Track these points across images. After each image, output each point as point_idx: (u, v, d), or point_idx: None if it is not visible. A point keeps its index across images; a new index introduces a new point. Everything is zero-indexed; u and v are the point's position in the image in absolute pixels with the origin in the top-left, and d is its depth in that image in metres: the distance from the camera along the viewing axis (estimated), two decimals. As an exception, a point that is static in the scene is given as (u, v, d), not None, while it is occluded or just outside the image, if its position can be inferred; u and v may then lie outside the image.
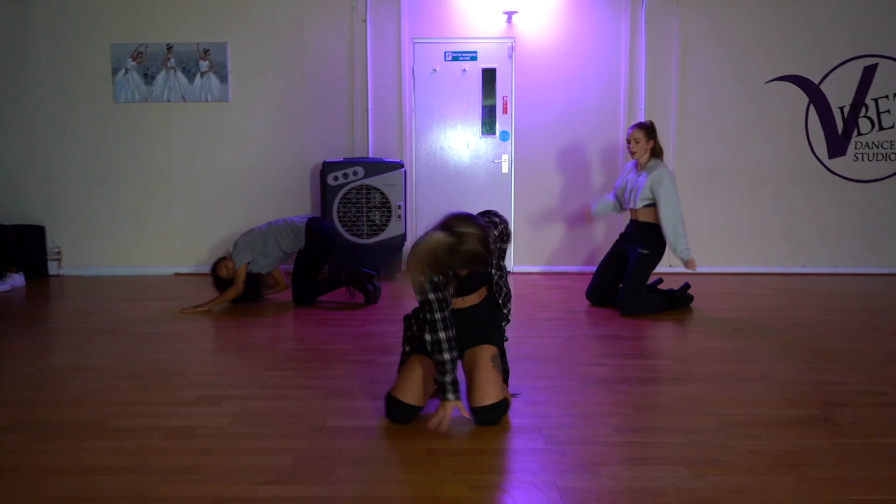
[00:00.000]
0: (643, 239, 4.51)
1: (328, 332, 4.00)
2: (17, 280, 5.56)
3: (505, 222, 2.59)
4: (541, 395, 2.82)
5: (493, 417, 2.49)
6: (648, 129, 4.56)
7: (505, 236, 2.58)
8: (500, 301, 2.66)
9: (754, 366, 3.26)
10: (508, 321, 2.73)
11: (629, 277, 4.43)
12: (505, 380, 2.68)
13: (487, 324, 2.64)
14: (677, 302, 4.56)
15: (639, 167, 4.63)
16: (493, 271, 2.61)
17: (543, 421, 2.54)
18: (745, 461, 2.19)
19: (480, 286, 2.60)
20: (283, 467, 2.16)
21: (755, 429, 2.46)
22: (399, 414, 2.50)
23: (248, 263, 4.61)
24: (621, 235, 4.79)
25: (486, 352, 2.55)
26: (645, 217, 4.55)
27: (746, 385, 2.97)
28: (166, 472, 2.13)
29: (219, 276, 4.66)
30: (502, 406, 2.51)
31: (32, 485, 2.05)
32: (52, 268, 6.23)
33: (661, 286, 4.74)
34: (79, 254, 6.24)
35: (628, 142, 4.61)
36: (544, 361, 3.33)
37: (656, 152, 4.59)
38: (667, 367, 3.24)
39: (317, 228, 4.75)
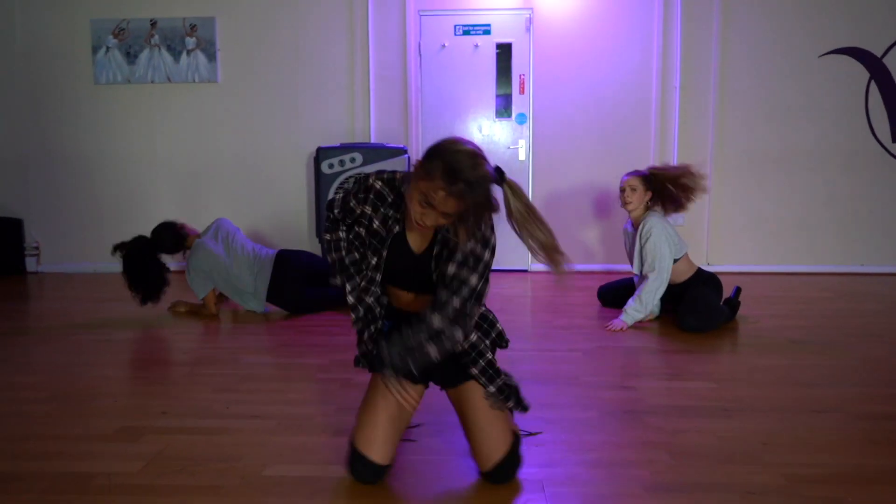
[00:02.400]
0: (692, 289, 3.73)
1: (306, 341, 3.41)
2: (-16, 278, 5.08)
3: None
4: (548, 434, 2.19)
5: (508, 474, 1.84)
6: (646, 178, 3.73)
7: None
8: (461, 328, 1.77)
9: (824, 391, 2.59)
10: (503, 345, 2.01)
11: (703, 296, 3.65)
12: (511, 399, 1.92)
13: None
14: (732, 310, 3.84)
15: (633, 224, 3.83)
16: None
17: (548, 472, 1.91)
18: (830, 545, 1.54)
19: (428, 284, 1.87)
20: (184, 543, 1.57)
21: (836, 488, 1.81)
22: (362, 473, 1.83)
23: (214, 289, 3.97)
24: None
25: (475, 389, 1.89)
26: (674, 278, 3.75)
27: (817, 420, 2.30)
28: (24, 548, 1.55)
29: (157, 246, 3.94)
30: (514, 454, 1.85)
31: None
32: (31, 264, 5.76)
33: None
34: (59, 249, 5.76)
35: (622, 190, 3.76)
36: (556, 383, 2.70)
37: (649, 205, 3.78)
38: (711, 393, 2.59)
39: (281, 271, 3.98)
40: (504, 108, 5.47)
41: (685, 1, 5.28)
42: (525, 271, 5.56)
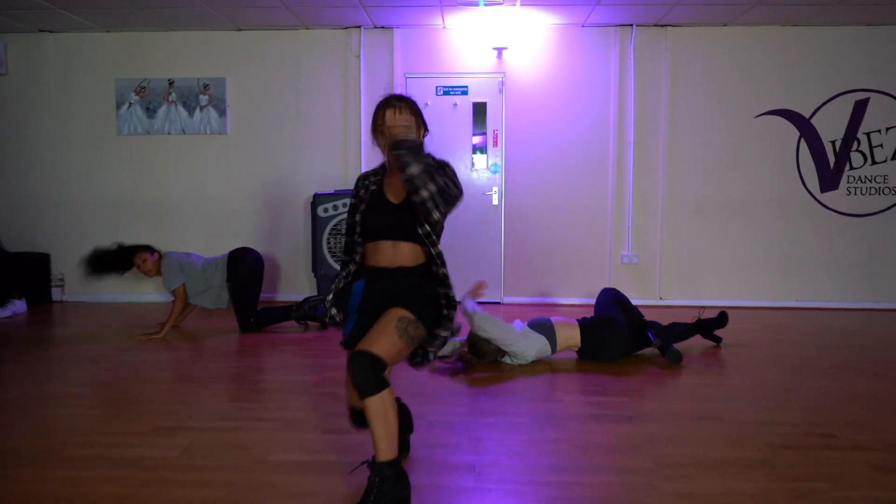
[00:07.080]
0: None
1: (301, 362, 4.08)
2: (18, 306, 5.75)
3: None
4: (484, 433, 2.86)
5: (360, 362, 2.07)
6: None
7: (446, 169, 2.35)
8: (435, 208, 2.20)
9: (711, 405, 3.27)
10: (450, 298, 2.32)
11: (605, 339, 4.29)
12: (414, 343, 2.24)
13: (416, 292, 2.29)
14: (701, 329, 4.50)
15: None
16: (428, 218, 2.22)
17: (478, 458, 2.58)
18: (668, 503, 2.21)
19: (408, 230, 2.29)
20: (214, 499, 2.23)
21: (689, 470, 2.48)
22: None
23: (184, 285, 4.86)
24: None
25: (394, 313, 2.23)
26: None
27: (696, 424, 2.98)
28: (101, 502, 2.21)
29: (117, 260, 4.88)
30: (377, 363, 2.08)
31: (-26, 513, 2.15)
32: (56, 294, 6.42)
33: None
34: (81, 281, 6.42)
35: None
36: (503, 397, 3.37)
37: None
38: (622, 405, 3.27)
39: (237, 258, 4.94)
40: (480, 159, 6.20)
41: (638, 69, 6.04)
42: (498, 303, 6.24)
